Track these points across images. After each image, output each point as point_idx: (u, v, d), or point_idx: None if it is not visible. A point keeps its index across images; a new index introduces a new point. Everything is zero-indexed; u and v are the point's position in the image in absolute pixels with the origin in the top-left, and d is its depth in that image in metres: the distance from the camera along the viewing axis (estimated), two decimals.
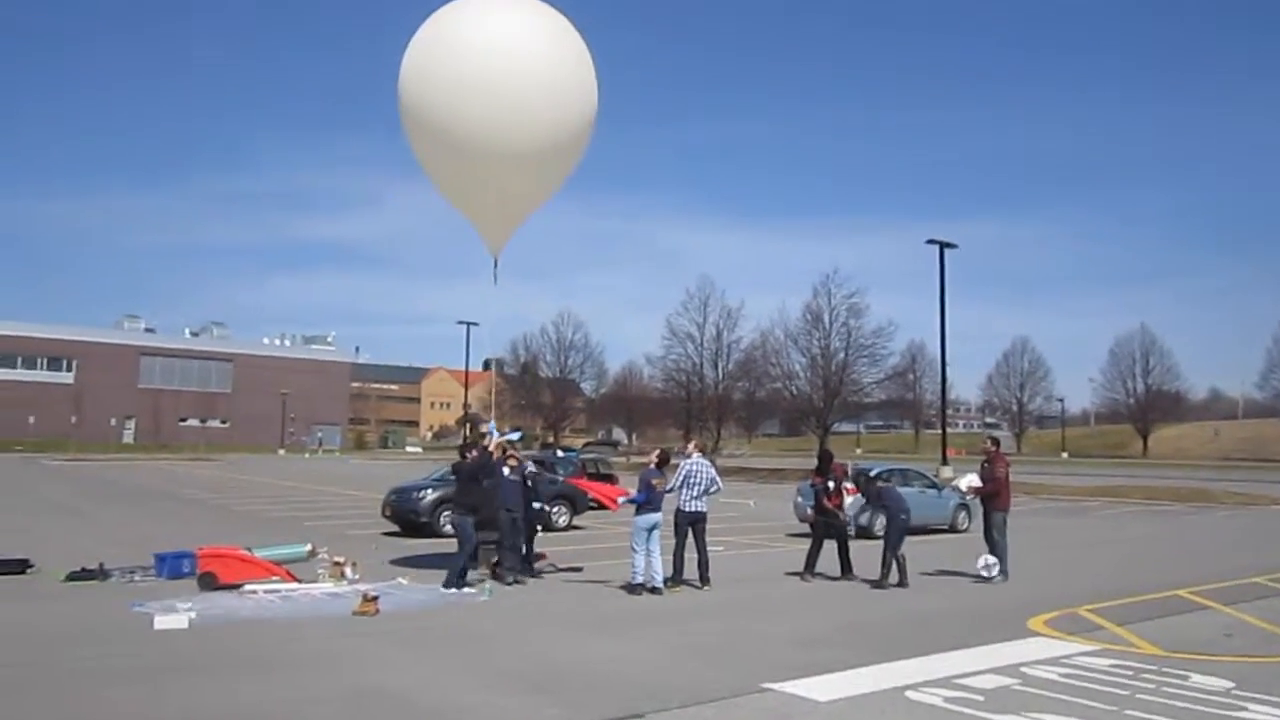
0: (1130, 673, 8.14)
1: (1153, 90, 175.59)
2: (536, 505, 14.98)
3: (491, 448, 14.12)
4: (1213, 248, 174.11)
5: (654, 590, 12.54)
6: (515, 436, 15.94)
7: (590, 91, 12.63)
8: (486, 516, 13.46)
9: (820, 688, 7.52)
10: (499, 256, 13.57)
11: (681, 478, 13.34)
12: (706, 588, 12.94)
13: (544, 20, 12.33)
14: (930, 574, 14.54)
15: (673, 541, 13.14)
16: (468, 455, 13.94)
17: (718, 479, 13.66)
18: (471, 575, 13.09)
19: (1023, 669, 8.23)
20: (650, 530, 12.69)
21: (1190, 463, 79.21)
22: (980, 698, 7.28)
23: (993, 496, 14.33)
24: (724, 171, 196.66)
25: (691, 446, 14.59)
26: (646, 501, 12.93)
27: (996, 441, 15.21)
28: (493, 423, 15.09)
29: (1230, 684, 7.71)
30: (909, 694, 7.40)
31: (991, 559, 13.98)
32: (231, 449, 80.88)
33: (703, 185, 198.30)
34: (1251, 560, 16.59)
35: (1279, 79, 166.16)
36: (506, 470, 14.05)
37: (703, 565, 13.18)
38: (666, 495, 13.25)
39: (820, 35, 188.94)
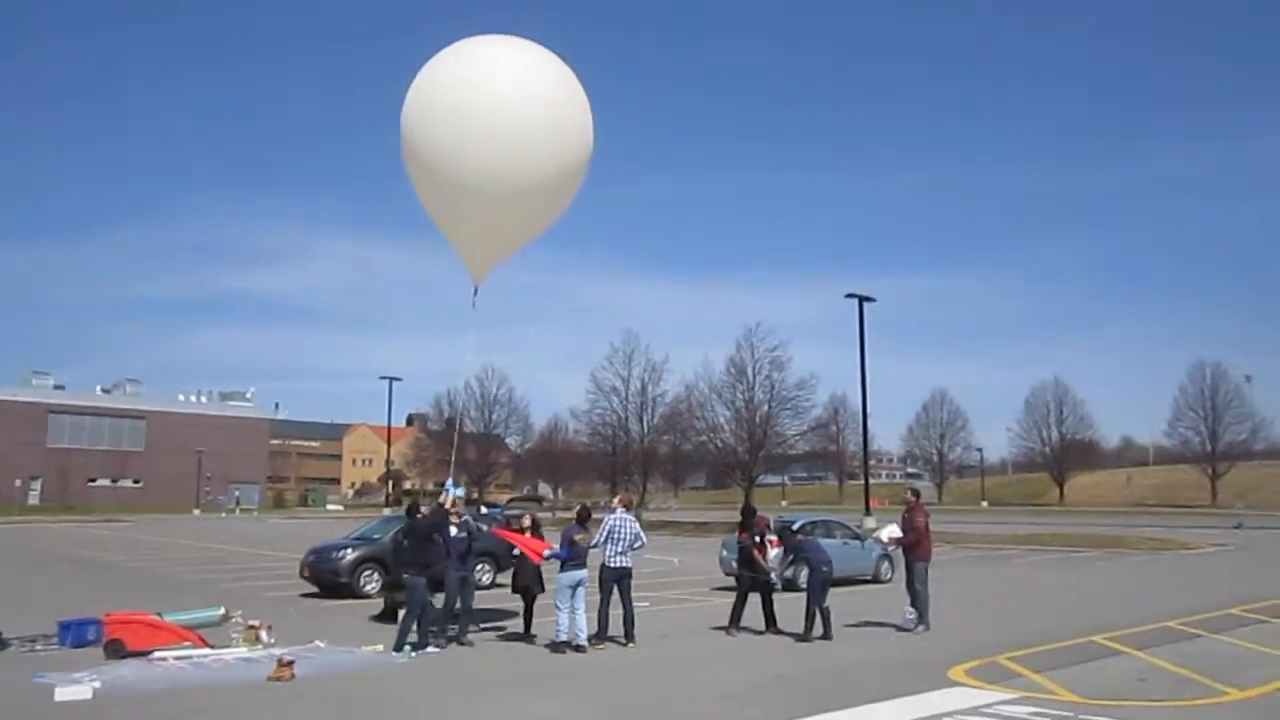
0: None
1: (1060, 147, 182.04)
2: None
3: (448, 504, 13.84)
4: (1121, 299, 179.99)
5: (578, 648, 12.39)
6: (459, 492, 15.72)
7: (587, 133, 12.85)
8: (435, 575, 13.16)
9: None
10: (479, 286, 13.62)
11: (605, 533, 13.27)
12: (631, 645, 12.84)
13: (546, 62, 12.57)
14: (854, 625, 14.65)
15: (598, 598, 13.05)
16: (419, 513, 13.67)
17: (641, 534, 13.60)
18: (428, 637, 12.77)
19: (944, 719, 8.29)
20: (574, 587, 12.58)
21: (1105, 509, 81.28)
22: None
23: (913, 546, 14.51)
24: (647, 225, 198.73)
25: (616, 501, 14.54)
26: (570, 558, 12.82)
27: (916, 492, 15.51)
28: (450, 480, 14.83)
29: None
30: None
31: (912, 610, 14.12)
32: (145, 510, 78.31)
33: (626, 239, 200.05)
34: (1163, 605, 16.98)
35: (1181, 137, 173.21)
36: (453, 528, 13.81)
37: (628, 622, 13.09)
38: (590, 551, 13.17)
39: (739, 94, 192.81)
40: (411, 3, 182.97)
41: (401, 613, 13.16)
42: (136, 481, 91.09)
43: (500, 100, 11.91)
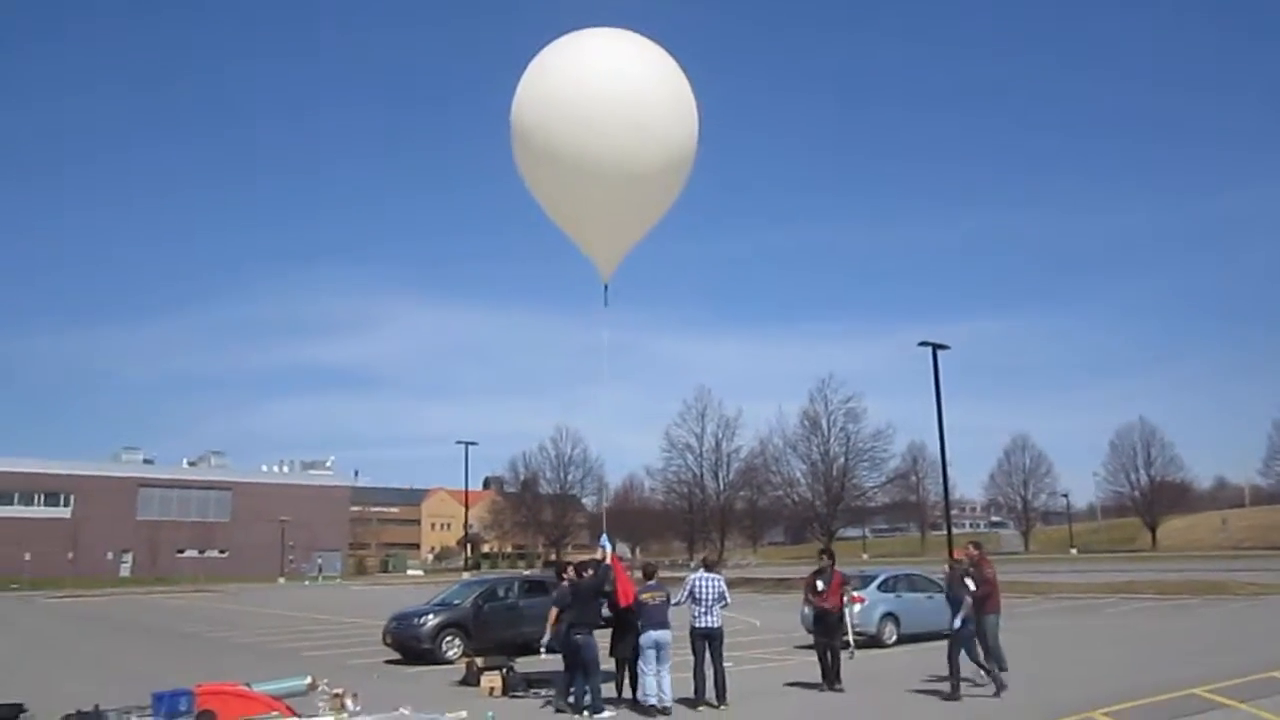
0: None
1: (1134, 183, 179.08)
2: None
3: (609, 561, 13.66)
4: (1207, 334, 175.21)
5: (663, 711, 12.29)
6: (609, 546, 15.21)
7: (694, 118, 13.15)
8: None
9: None
10: (609, 281, 13.85)
11: (687, 592, 13.19)
12: (724, 707, 12.67)
13: (653, 51, 12.93)
14: (935, 679, 14.34)
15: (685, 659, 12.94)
16: (584, 573, 13.65)
17: (726, 593, 13.44)
18: (478, 699, 12.84)
19: None
20: (654, 648, 12.50)
21: (1201, 554, 78.37)
22: None
23: (984, 600, 14.22)
24: (713, 280, 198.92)
25: (698, 560, 14.48)
26: (643, 618, 12.73)
27: (979, 544, 15.23)
28: (604, 536, 14.65)
29: None
30: None
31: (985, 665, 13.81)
32: (230, 579, 79.80)
33: (693, 295, 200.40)
34: (1268, 654, 16.31)
35: (1255, 169, 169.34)
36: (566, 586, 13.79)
37: (718, 683, 12.92)
38: (675, 608, 13.05)
39: (801, 145, 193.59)
40: (473, 68, 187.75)
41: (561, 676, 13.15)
42: (223, 551, 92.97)
43: (617, 85, 12.23)
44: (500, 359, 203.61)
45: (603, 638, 13.30)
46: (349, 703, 12.84)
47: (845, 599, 14.71)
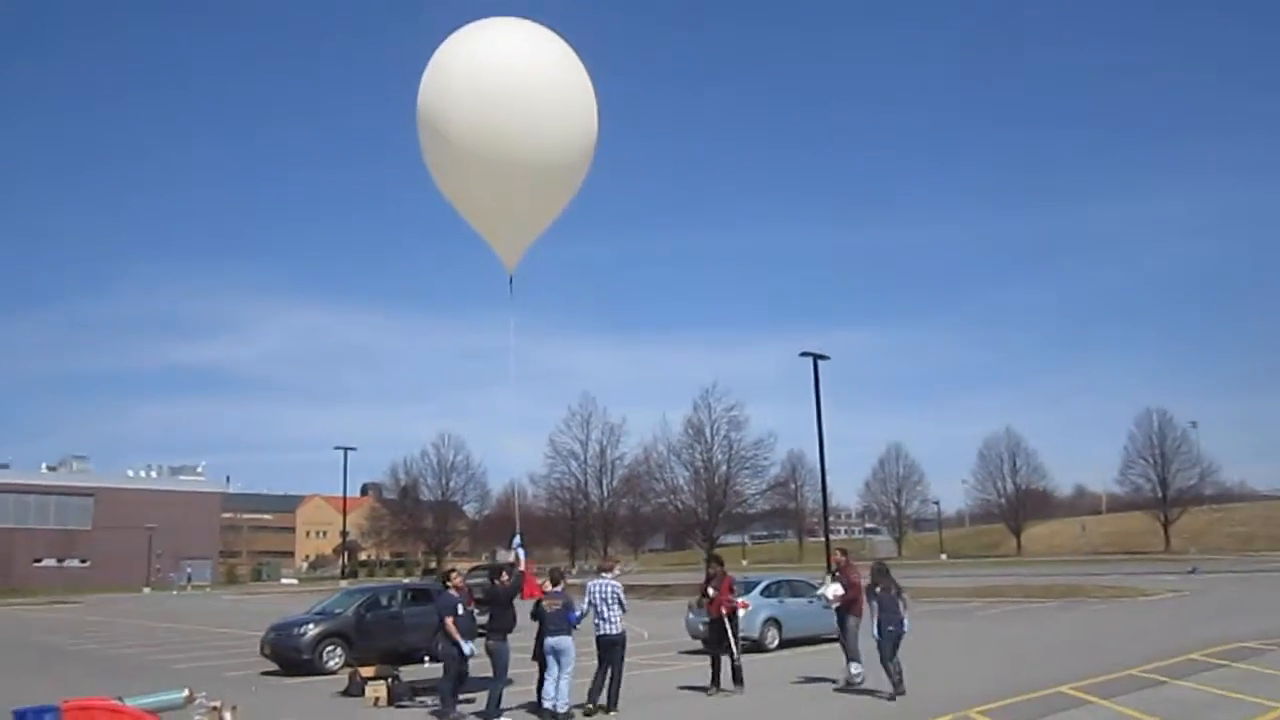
0: None
1: (1003, 197, 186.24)
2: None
3: (522, 568, 13.56)
4: (1069, 348, 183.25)
5: (556, 716, 12.29)
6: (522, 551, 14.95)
7: (594, 108, 13.34)
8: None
9: None
10: (513, 274, 13.86)
11: (587, 601, 13.20)
12: (613, 712, 12.72)
13: (552, 41, 13.09)
14: (820, 681, 14.68)
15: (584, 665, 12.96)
16: (499, 580, 13.45)
17: (622, 597, 13.33)
18: (363, 710, 12.64)
19: None
20: (553, 654, 12.51)
21: (1062, 559, 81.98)
22: None
23: (851, 603, 14.72)
24: (598, 285, 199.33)
25: (598, 567, 14.47)
26: (544, 626, 12.71)
27: (845, 551, 15.79)
28: (519, 540, 14.36)
29: None
30: None
31: (858, 666, 14.27)
32: (93, 589, 76.44)
33: (579, 300, 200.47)
34: (1126, 653, 17.18)
35: (1122, 184, 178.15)
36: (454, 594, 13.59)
37: (610, 690, 12.88)
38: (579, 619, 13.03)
39: (686, 148, 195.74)
40: (371, 57, 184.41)
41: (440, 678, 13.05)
42: (84, 561, 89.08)
43: (517, 74, 12.35)
44: (381, 363, 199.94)
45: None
46: (228, 716, 12.55)
47: (733, 604, 14.91)
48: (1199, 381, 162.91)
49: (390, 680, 14.85)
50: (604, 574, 13.64)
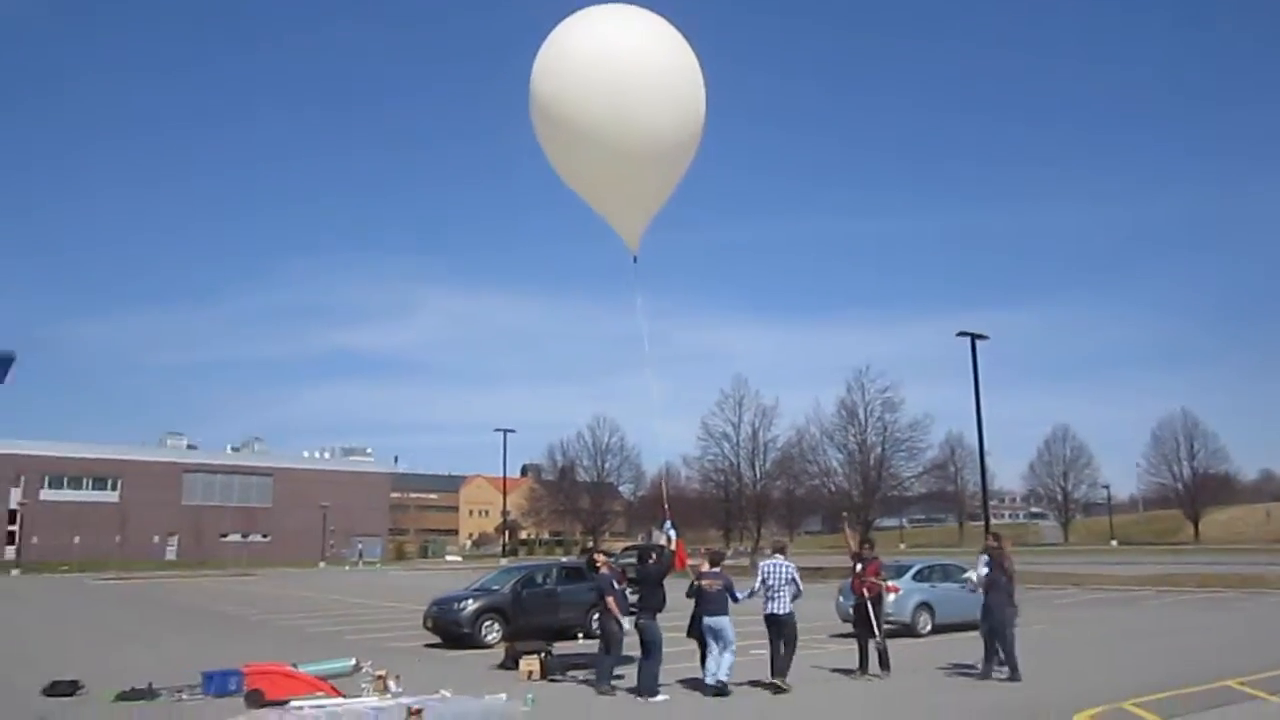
0: None
1: (1181, 171, 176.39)
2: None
3: (674, 547, 13.96)
4: (1253, 326, 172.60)
5: (719, 692, 12.65)
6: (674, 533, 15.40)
7: (701, 83, 13.42)
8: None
9: None
10: (637, 253, 14.16)
11: (760, 579, 13.52)
12: (784, 689, 12.88)
13: (660, 23, 13.20)
14: (964, 666, 14.48)
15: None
16: (650, 559, 14.03)
17: (797, 578, 13.61)
18: (518, 683, 13.16)
19: None
20: (711, 633, 12.88)
21: (1244, 547, 77.40)
22: None
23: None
24: (752, 268, 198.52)
25: (770, 548, 14.71)
26: (703, 605, 13.08)
27: (998, 535, 15.28)
28: (669, 523, 14.89)
29: None
30: None
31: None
32: (273, 564, 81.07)
33: (732, 283, 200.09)
34: None
35: None
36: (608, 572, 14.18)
37: (781, 667, 13.16)
38: (749, 598, 13.42)
39: (846, 132, 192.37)
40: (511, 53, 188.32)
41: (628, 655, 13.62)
42: (265, 536, 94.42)
43: (629, 51, 12.51)
44: (539, 347, 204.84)
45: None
46: (392, 684, 13.22)
47: (878, 588, 14.78)
48: None
49: (544, 655, 15.34)
50: (778, 555, 13.89)
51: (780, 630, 13.25)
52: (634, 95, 12.42)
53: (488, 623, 19.86)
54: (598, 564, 14.67)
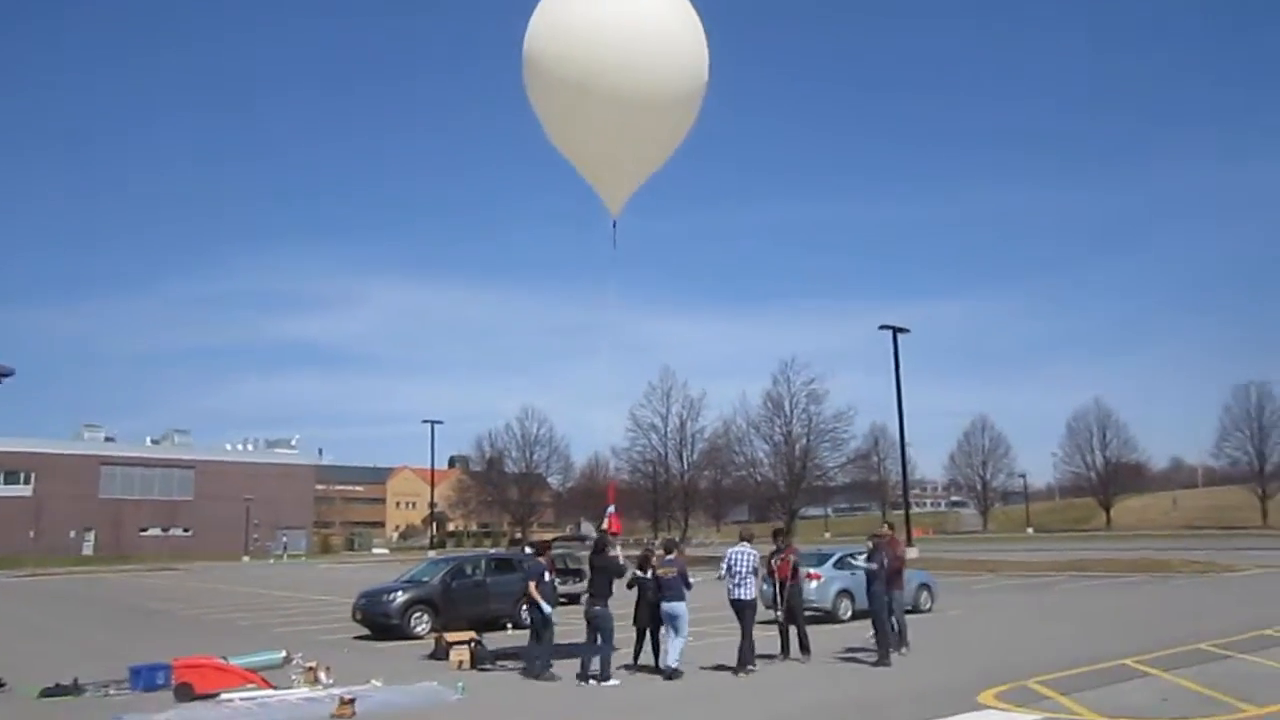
0: None
1: (1096, 167, 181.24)
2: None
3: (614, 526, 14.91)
4: (1164, 319, 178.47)
5: (672, 675, 13.17)
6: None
7: (704, 48, 13.53)
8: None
9: None
10: (617, 219, 14.31)
11: (726, 566, 14.24)
12: (743, 674, 13.41)
13: None
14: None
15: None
16: (604, 549, 14.39)
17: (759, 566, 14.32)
18: (448, 673, 13.39)
19: None
20: (668, 619, 13.55)
21: (1152, 533, 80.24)
22: None
23: (894, 576, 15.30)
24: (679, 259, 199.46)
25: (740, 536, 15.20)
26: (661, 592, 13.70)
27: (892, 525, 16.11)
28: (611, 508, 15.46)
29: None
30: None
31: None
32: (194, 557, 79.70)
33: (662, 273, 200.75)
34: (1199, 628, 17.14)
35: (1217, 154, 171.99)
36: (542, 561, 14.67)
37: (741, 652, 13.69)
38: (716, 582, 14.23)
39: (772, 125, 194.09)
40: (471, 46, 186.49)
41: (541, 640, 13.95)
42: (186, 530, 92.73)
43: (629, 12, 12.60)
44: (467, 337, 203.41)
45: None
46: (323, 675, 13.39)
47: (787, 574, 15.25)
48: None
49: (474, 645, 15.58)
50: (744, 543, 14.47)
51: (743, 613, 13.86)
52: (638, 46, 12.42)
53: (417, 614, 20.01)
54: (540, 553, 15.19)
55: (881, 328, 43.02)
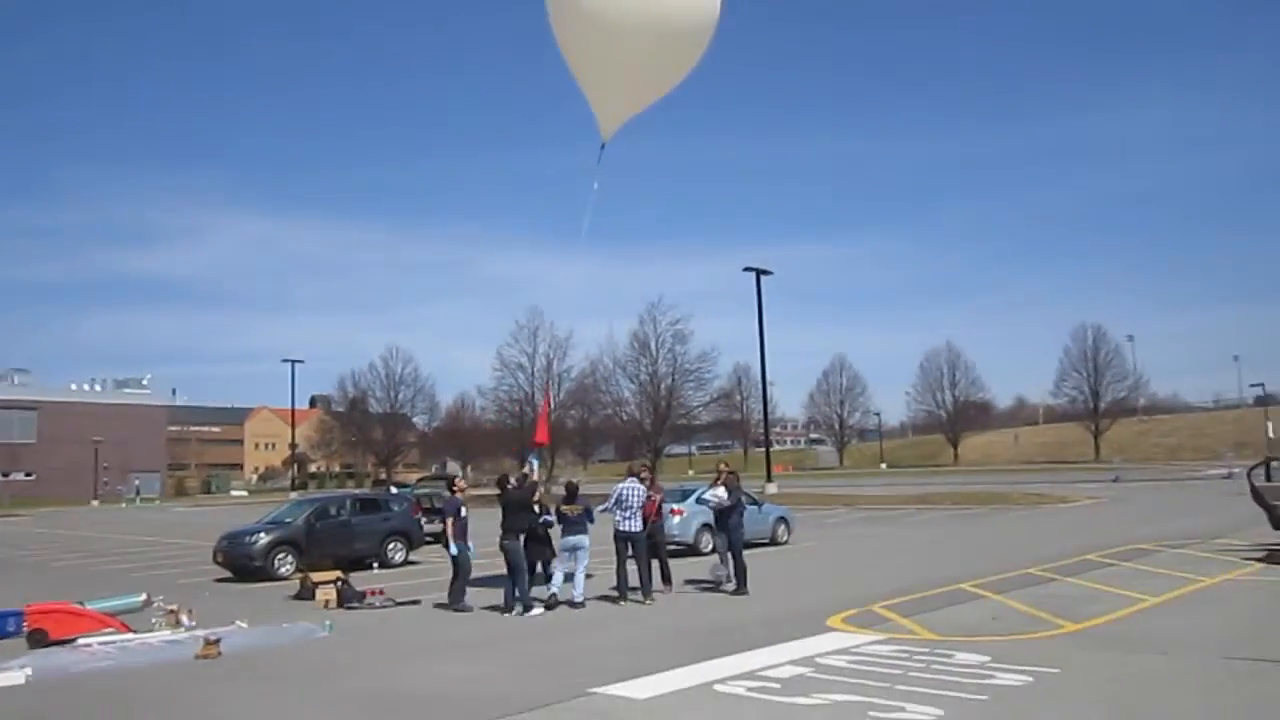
0: (906, 655, 9.42)
1: (947, 114, 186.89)
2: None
3: (535, 478, 15.29)
4: (1011, 263, 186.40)
5: (575, 605, 13.77)
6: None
7: None
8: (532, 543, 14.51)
9: (640, 688, 8.43)
10: (606, 143, 14.32)
11: (614, 498, 14.70)
12: (649, 600, 14.14)
13: None
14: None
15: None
16: (509, 485, 14.69)
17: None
18: (315, 612, 13.47)
19: (816, 659, 9.37)
20: (571, 551, 14.22)
21: (996, 468, 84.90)
22: (778, 685, 8.35)
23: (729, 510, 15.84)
24: (546, 196, 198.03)
25: (627, 470, 15.53)
26: (565, 528, 14.33)
27: (733, 471, 16.71)
28: (534, 454, 15.79)
29: (987, 658, 9.07)
30: (716, 687, 8.40)
31: (723, 567, 15.51)
32: (39, 503, 76.35)
33: (527, 212, 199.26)
34: (1030, 554, 18.48)
35: (1064, 104, 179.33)
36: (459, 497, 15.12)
37: (641, 580, 14.34)
38: (601, 514, 14.79)
39: None
40: None
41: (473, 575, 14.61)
42: (29, 475, 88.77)
43: None
44: (329, 275, 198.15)
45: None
46: (184, 618, 13.30)
47: (653, 512, 15.75)
48: (1137, 297, 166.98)
49: (340, 584, 15.65)
50: (632, 477, 14.97)
51: (632, 545, 14.44)
52: None
53: (281, 555, 19.88)
54: (455, 489, 15.62)
55: (746, 269, 43.95)
